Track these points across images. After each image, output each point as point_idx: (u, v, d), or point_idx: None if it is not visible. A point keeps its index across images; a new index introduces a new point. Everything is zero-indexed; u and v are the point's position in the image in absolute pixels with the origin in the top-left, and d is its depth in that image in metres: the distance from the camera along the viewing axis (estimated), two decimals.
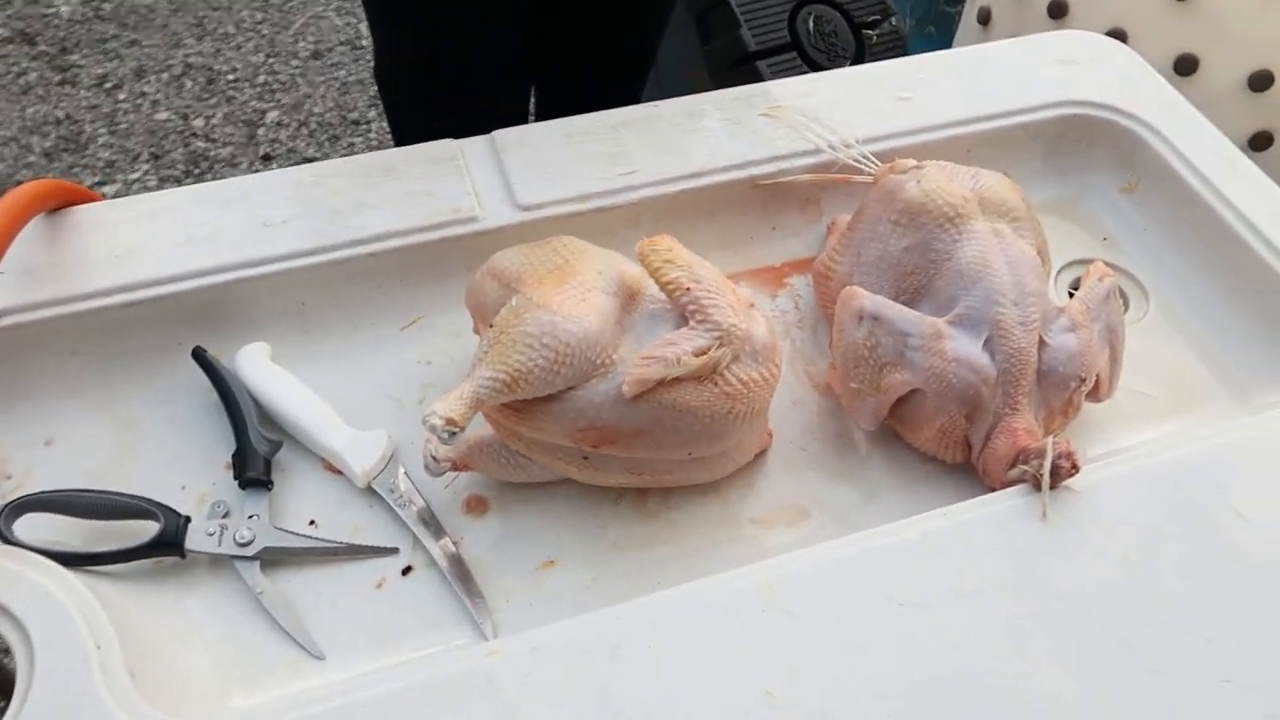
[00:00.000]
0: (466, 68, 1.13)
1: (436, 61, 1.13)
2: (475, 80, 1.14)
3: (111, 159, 1.99)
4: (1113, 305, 0.67)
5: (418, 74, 1.17)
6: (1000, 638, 0.53)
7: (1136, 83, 0.86)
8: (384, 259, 0.72)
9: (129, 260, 0.69)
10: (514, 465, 0.63)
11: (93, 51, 2.21)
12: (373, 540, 0.63)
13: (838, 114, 0.81)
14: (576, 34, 1.20)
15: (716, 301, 0.59)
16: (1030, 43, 0.90)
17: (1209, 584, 0.56)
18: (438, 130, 0.80)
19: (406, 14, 1.11)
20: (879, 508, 0.65)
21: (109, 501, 0.61)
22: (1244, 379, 0.72)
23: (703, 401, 0.58)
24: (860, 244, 0.70)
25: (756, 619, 0.54)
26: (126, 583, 0.60)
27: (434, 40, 1.11)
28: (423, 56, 1.14)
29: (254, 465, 0.64)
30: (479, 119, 0.85)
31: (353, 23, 2.32)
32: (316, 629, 0.59)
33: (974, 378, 0.61)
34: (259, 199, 0.74)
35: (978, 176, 0.69)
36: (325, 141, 2.06)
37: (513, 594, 0.61)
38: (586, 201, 0.75)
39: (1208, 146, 0.80)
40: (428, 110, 1.18)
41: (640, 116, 0.81)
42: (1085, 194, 0.85)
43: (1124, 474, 0.60)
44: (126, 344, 0.69)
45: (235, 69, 2.19)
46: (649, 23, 1.22)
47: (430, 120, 1.02)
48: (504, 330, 0.57)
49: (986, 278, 0.63)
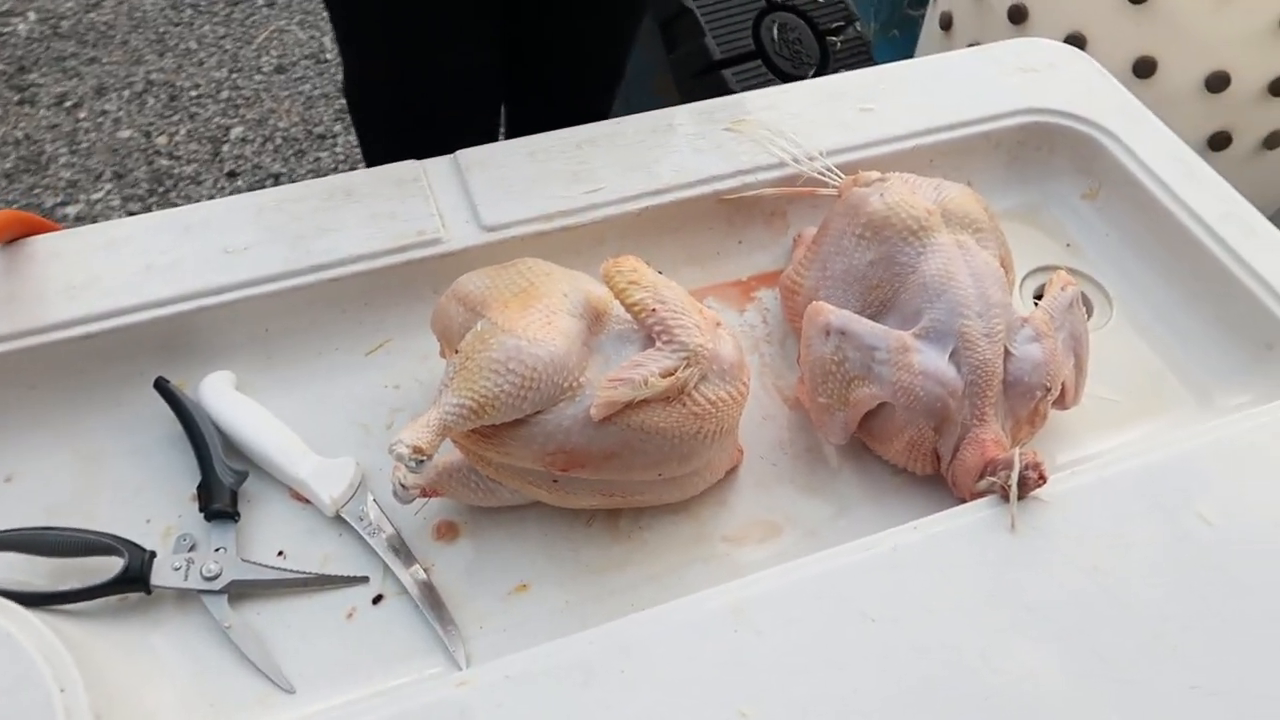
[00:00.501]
0: (436, 84, 1.13)
1: (405, 78, 1.13)
2: (445, 97, 1.14)
3: (73, 179, 1.97)
4: (1076, 314, 0.68)
5: (387, 91, 1.16)
6: (972, 650, 0.54)
7: (1095, 89, 0.87)
8: (348, 283, 0.71)
9: (87, 291, 0.68)
10: (484, 490, 0.63)
11: (52, 70, 2.18)
12: (342, 569, 0.62)
13: (801, 126, 0.81)
14: (544, 49, 1.20)
15: (682, 322, 0.59)
16: (990, 51, 0.91)
17: (1176, 591, 0.56)
18: (409, 147, 0.80)
19: (374, 31, 1.10)
20: (851, 521, 0.65)
21: (71, 538, 0.60)
22: (1207, 382, 0.73)
23: (671, 422, 0.58)
24: (825, 258, 0.70)
25: (729, 639, 0.53)
26: (91, 621, 0.59)
27: (403, 57, 1.11)
28: (393, 74, 1.13)
29: (219, 497, 0.63)
30: (450, 136, 0.84)
31: (316, 36, 2.31)
32: (286, 662, 0.58)
33: (941, 390, 0.62)
34: (219, 225, 0.73)
35: (940, 188, 0.70)
36: (291, 157, 2.04)
37: (486, 620, 0.61)
38: (551, 221, 0.74)
39: (1165, 151, 0.81)
40: (398, 128, 1.17)
41: (604, 134, 0.81)
42: (1048, 201, 0.86)
43: (1091, 482, 0.61)
44: (87, 376, 0.68)
45: (198, 85, 2.17)
46: (617, 36, 1.22)
47: (401, 138, 1.02)
48: (470, 356, 0.57)
49: (951, 290, 0.64)
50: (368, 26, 1.11)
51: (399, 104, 1.16)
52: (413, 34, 1.08)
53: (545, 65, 1.22)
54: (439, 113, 1.14)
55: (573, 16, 1.15)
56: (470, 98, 1.17)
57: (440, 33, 1.08)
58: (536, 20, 1.15)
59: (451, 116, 1.15)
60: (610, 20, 1.18)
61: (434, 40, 1.08)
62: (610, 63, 1.25)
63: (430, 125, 1.14)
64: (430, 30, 1.07)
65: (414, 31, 1.07)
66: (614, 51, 1.25)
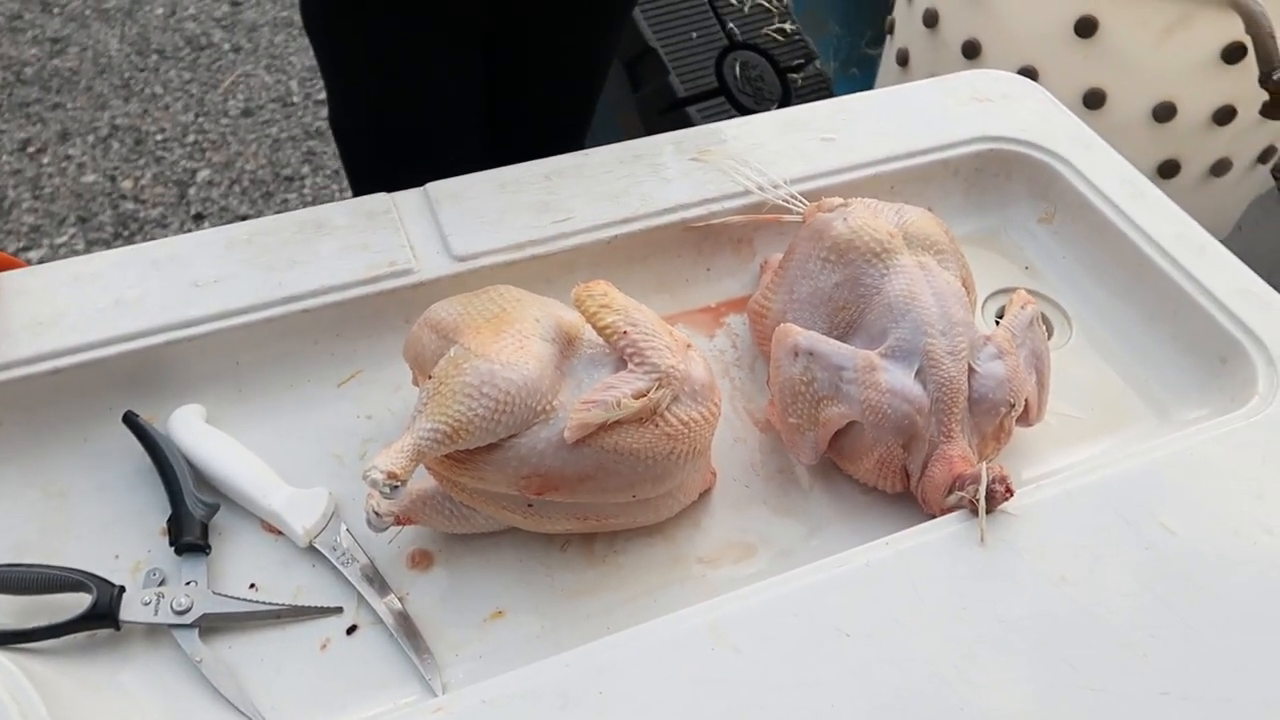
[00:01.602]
0: (426, 111, 1.14)
1: (396, 106, 1.14)
2: (435, 124, 1.15)
3: (36, 224, 1.95)
4: (1036, 331, 0.70)
5: (376, 121, 1.17)
6: (945, 663, 0.54)
7: (1048, 118, 0.90)
8: (319, 314, 0.72)
9: (54, 326, 0.68)
10: (458, 516, 0.63)
11: (15, 115, 2.17)
12: (316, 600, 0.62)
13: (765, 156, 0.83)
14: (522, 75, 1.22)
15: (654, 343, 0.60)
16: (947, 82, 0.94)
17: (1143, 599, 0.57)
18: (396, 179, 0.80)
19: (360, 60, 1.11)
20: (824, 540, 0.66)
21: (38, 575, 0.59)
22: (1165, 397, 0.75)
23: (644, 443, 0.58)
24: (792, 282, 0.71)
25: (705, 658, 0.54)
26: (59, 659, 0.58)
27: (384, 80, 1.12)
28: (381, 103, 1.14)
29: (190, 530, 0.62)
30: (441, 163, 0.85)
31: (283, 80, 2.32)
32: (260, 696, 0.57)
33: (908, 407, 0.63)
34: (189, 259, 0.73)
35: (902, 212, 0.71)
36: (259, 199, 2.04)
37: (461, 648, 0.60)
38: (522, 250, 0.75)
39: (1117, 175, 0.84)
40: (385, 157, 1.18)
41: (572, 165, 0.82)
42: (1005, 225, 0.88)
43: (1056, 496, 0.62)
44: (54, 412, 0.67)
45: (164, 129, 2.17)
46: (594, 57, 1.24)
47: (388, 168, 1.03)
48: (443, 381, 0.57)
49: (915, 310, 0.65)
50: (351, 60, 1.12)
51: (385, 135, 1.17)
52: (396, 66, 1.09)
53: (523, 96, 1.24)
54: (425, 144, 1.15)
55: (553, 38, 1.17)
56: (455, 120, 1.18)
57: (419, 59, 1.09)
58: (516, 46, 1.16)
59: (438, 148, 1.16)
60: (586, 42, 1.20)
61: (413, 66, 1.10)
62: (587, 85, 1.27)
63: (418, 157, 1.15)
64: (412, 62, 1.09)
65: (397, 63, 1.09)
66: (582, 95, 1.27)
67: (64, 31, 2.39)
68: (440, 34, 1.08)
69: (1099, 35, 1.19)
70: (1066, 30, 1.20)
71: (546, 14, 1.13)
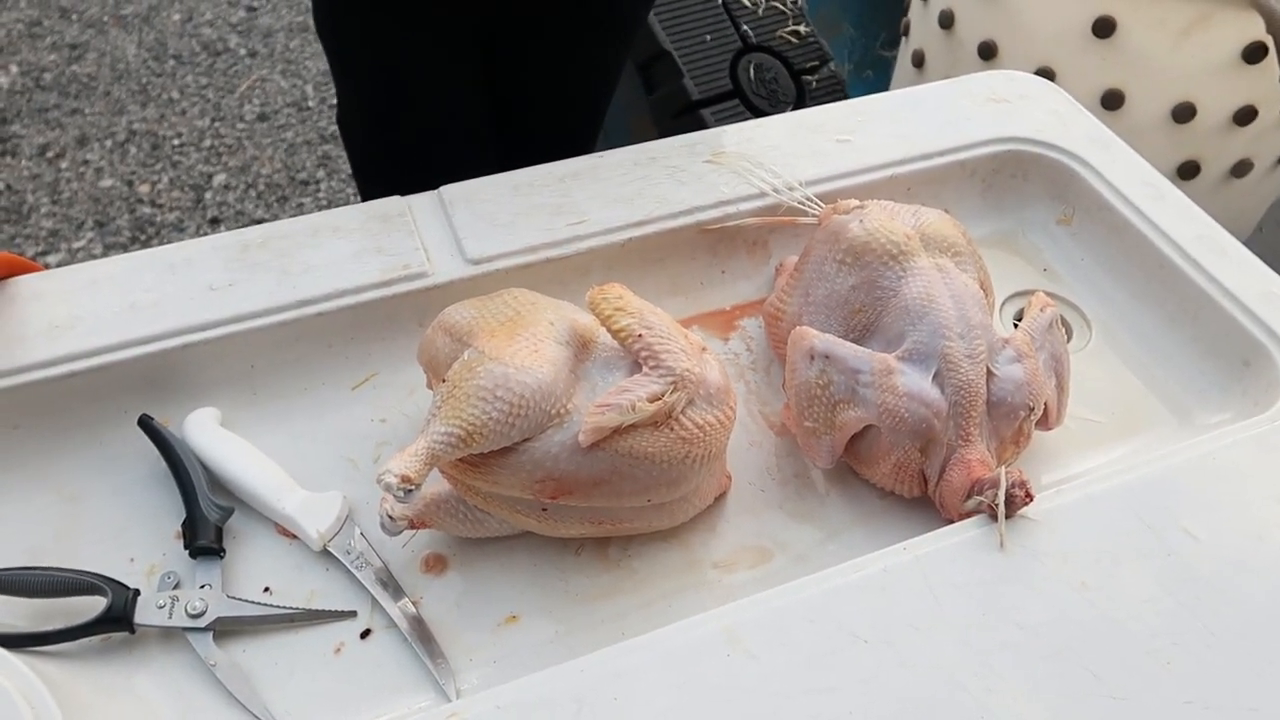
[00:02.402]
0: (430, 116, 1.14)
1: (400, 111, 1.14)
2: (439, 129, 1.15)
3: (55, 228, 1.97)
4: (1056, 335, 0.69)
5: (381, 124, 1.17)
6: (964, 670, 0.53)
7: (1066, 118, 0.89)
8: (334, 318, 0.71)
9: (70, 330, 0.68)
10: (472, 520, 0.62)
11: (34, 121, 2.19)
12: (330, 604, 0.62)
13: (780, 158, 0.83)
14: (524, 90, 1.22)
15: (669, 346, 0.59)
16: (963, 83, 0.93)
17: (1166, 606, 0.56)
18: (404, 182, 0.80)
19: (366, 64, 1.12)
20: (840, 545, 0.65)
21: (53, 578, 0.59)
22: (1187, 401, 0.74)
23: (659, 447, 0.58)
24: (808, 284, 0.71)
25: (721, 664, 0.53)
26: (74, 662, 0.58)
27: (396, 90, 1.12)
28: (386, 107, 1.15)
29: (205, 533, 0.62)
30: (446, 168, 0.85)
31: (298, 85, 2.33)
32: (274, 700, 0.57)
33: (925, 411, 0.62)
34: (204, 263, 0.73)
35: (919, 214, 0.71)
36: (274, 203, 2.05)
37: (476, 652, 0.60)
38: (536, 253, 0.75)
39: (1136, 177, 0.83)
40: (394, 161, 1.18)
41: (586, 167, 0.82)
42: (1024, 227, 0.87)
43: (1077, 500, 0.61)
44: (70, 415, 0.67)
45: (180, 134, 2.18)
46: (593, 89, 1.24)
47: (396, 172, 1.03)
48: (457, 384, 0.57)
49: (932, 312, 0.65)
50: (359, 61, 1.12)
51: (394, 138, 1.17)
52: (404, 68, 1.10)
53: (529, 114, 1.24)
54: (434, 148, 1.15)
55: (557, 51, 1.17)
56: (464, 132, 1.18)
57: (422, 68, 1.10)
58: (518, 58, 1.16)
59: (447, 152, 1.16)
60: (592, 56, 1.19)
61: (425, 74, 1.10)
62: (592, 99, 1.27)
63: (426, 160, 1.15)
64: (420, 64, 1.09)
65: (405, 65, 1.09)
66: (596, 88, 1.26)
67: (82, 38, 2.41)
68: (441, 50, 1.08)
69: (1117, 35, 1.17)
70: (1084, 30, 1.19)
71: (550, 27, 1.13)
